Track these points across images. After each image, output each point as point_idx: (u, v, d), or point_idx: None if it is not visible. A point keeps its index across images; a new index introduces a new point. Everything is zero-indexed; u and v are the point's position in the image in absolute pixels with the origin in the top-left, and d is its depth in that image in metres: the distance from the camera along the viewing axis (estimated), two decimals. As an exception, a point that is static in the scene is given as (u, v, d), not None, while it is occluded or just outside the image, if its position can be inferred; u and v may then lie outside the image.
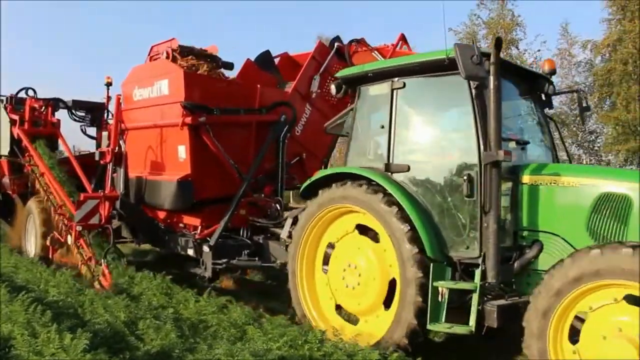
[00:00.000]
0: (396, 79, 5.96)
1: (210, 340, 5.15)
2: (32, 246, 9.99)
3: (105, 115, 10.67)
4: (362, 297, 5.96)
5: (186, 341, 5.06)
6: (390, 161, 5.87)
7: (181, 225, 8.36)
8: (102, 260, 7.44)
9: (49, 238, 8.92)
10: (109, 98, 10.66)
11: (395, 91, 5.95)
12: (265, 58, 9.72)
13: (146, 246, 10.01)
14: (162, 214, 8.54)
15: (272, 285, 9.74)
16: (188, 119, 7.42)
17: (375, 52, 9.22)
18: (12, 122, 10.00)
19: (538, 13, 38.38)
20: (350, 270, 6.04)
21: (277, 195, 8.20)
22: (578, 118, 20.94)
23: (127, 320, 5.52)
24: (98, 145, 10.32)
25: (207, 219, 7.97)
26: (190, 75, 7.68)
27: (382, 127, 6.01)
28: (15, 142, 9.96)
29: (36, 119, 9.91)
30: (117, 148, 8.06)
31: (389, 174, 5.87)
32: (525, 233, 5.42)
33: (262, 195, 8.19)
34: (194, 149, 7.65)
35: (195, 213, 8.00)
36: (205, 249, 7.52)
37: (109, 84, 10.53)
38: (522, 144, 5.93)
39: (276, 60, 9.88)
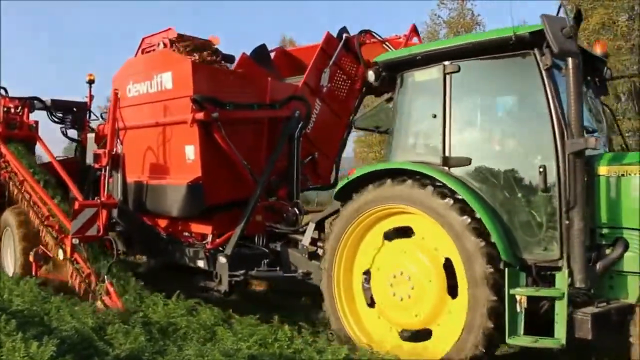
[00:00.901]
0: (448, 62, 5.20)
1: (180, 342, 5.04)
2: (9, 263, 8.70)
3: (88, 115, 9.49)
4: (420, 304, 5.13)
5: (156, 344, 4.94)
6: (448, 154, 5.09)
7: (186, 234, 7.34)
8: (106, 277, 6.34)
9: (31, 253, 7.72)
10: (91, 97, 9.56)
11: (448, 76, 5.18)
12: (261, 53, 8.80)
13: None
14: (163, 222, 7.49)
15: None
16: (199, 115, 6.42)
17: (387, 43, 8.44)
18: (-17, 125, 8.68)
19: (497, 12, 38.96)
20: (399, 279, 5.23)
21: (292, 198, 7.31)
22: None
23: (95, 326, 5.37)
24: (82, 149, 9.21)
25: (218, 226, 6.98)
26: (198, 67, 6.68)
27: (434, 116, 5.22)
28: (-14, 147, 8.64)
29: (10, 120, 8.64)
30: (114, 150, 6.96)
31: (446, 168, 5.09)
32: (605, 231, 4.74)
33: (276, 198, 7.30)
34: (205, 149, 6.65)
35: (205, 220, 6.99)
36: (222, 259, 6.53)
37: (91, 82, 9.47)
38: (591, 132, 5.26)
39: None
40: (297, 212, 7.16)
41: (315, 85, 7.95)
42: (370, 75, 5.75)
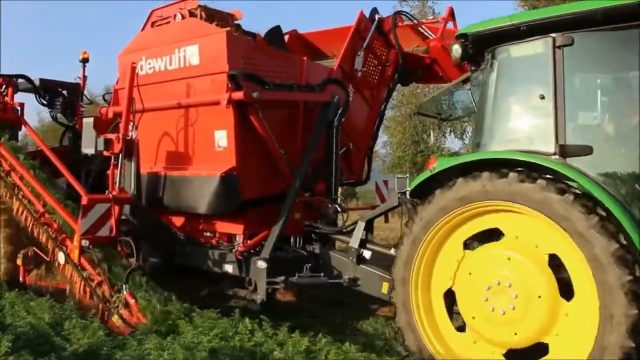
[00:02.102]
0: (557, 34, 4.19)
1: (140, 336, 4.78)
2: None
3: (80, 98, 8.02)
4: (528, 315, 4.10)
5: (115, 339, 4.75)
6: (563, 142, 4.07)
7: (208, 234, 6.06)
8: (124, 286, 5.01)
9: (20, 256, 6.29)
10: (85, 78, 8.09)
11: (559, 50, 4.17)
12: (275, 35, 7.61)
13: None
14: (179, 221, 6.19)
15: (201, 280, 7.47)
16: (238, 94, 5.19)
17: (423, 27, 7.43)
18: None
19: (457, 11, 38.72)
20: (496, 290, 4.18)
21: (330, 193, 6.17)
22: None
23: (52, 321, 5.15)
24: (74, 135, 7.73)
25: (250, 225, 5.77)
26: (234, 39, 5.45)
27: (542, 97, 4.21)
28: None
29: (-8, 102, 7.10)
30: (129, 134, 5.60)
31: (563, 159, 4.07)
32: None
33: (311, 193, 6.14)
34: (240, 135, 5.44)
35: (235, 218, 5.75)
36: (260, 264, 5.31)
37: (85, 60, 8.00)
38: None
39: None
40: (338, 209, 6.04)
41: (350, 70, 6.84)
42: (456, 50, 4.66)
